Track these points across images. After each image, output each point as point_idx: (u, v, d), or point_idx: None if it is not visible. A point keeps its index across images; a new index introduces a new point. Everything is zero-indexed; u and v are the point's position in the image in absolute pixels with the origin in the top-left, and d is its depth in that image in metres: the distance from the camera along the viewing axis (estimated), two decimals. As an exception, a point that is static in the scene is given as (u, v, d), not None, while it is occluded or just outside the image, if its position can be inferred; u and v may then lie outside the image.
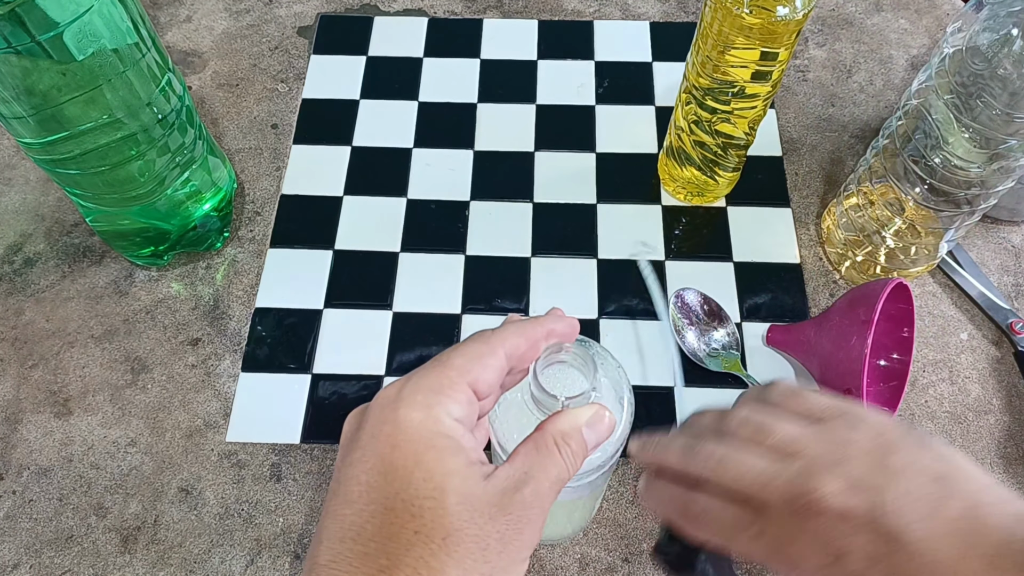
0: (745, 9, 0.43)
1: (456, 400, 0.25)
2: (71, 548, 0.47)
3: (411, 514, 0.23)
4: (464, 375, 0.26)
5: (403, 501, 0.23)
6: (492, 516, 0.24)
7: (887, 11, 0.71)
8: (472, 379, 0.26)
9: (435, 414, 0.25)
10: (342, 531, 0.24)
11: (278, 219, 0.59)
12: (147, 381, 0.53)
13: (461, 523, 0.23)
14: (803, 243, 0.58)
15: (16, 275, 0.57)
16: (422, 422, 0.25)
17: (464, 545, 0.23)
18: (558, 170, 0.61)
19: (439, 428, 0.25)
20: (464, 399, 0.26)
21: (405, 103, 0.65)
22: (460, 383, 0.26)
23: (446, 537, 0.23)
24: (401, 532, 0.23)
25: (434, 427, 0.25)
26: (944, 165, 0.45)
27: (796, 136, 0.63)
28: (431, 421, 0.25)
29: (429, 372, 0.26)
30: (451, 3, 0.71)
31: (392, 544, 0.23)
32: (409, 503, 0.23)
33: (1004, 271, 0.57)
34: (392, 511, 0.23)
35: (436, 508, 0.23)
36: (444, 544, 0.23)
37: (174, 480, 0.49)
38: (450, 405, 0.25)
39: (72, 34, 0.40)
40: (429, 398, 0.25)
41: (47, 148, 0.45)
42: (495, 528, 0.24)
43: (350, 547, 0.23)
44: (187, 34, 0.69)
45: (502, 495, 0.24)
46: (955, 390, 0.53)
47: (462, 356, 0.26)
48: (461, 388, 0.26)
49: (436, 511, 0.23)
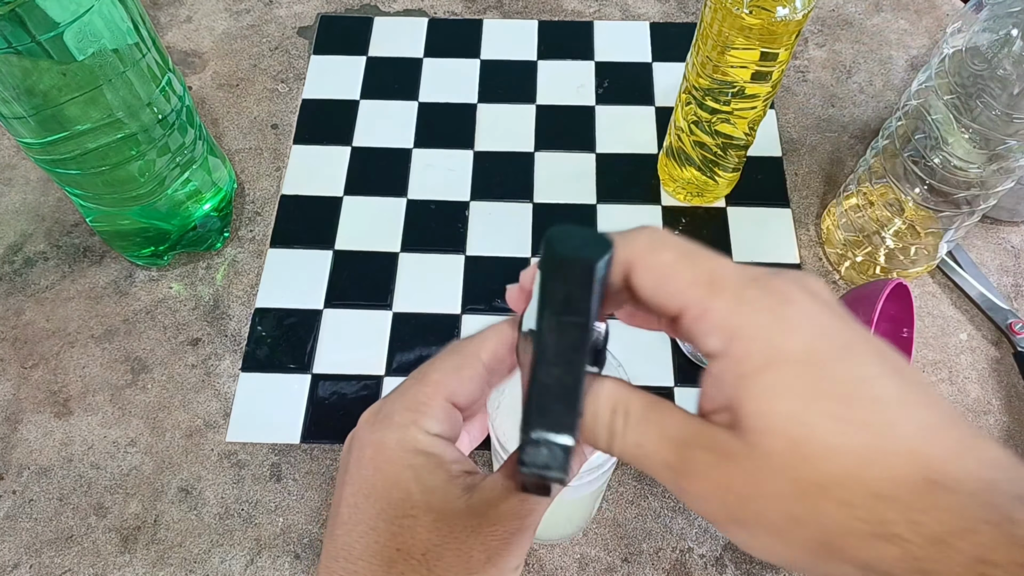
0: (745, 9, 0.43)
1: (433, 416, 0.25)
2: (71, 548, 0.47)
3: (392, 533, 0.24)
4: (440, 389, 0.25)
5: (384, 521, 0.24)
6: (474, 529, 0.23)
7: (887, 12, 0.71)
8: (449, 392, 0.26)
9: (411, 434, 0.25)
10: (335, 551, 0.25)
11: (278, 219, 0.59)
12: (147, 381, 0.53)
13: (440, 539, 0.23)
14: (803, 243, 0.58)
15: (16, 275, 0.57)
16: (399, 442, 0.25)
17: (444, 560, 0.23)
18: (558, 170, 0.62)
19: (416, 446, 0.25)
20: (442, 414, 0.25)
21: (405, 103, 0.65)
22: (436, 398, 0.25)
23: (425, 553, 0.23)
24: (384, 550, 0.24)
25: (411, 446, 0.25)
26: (944, 166, 0.45)
27: (796, 136, 0.63)
28: (408, 440, 0.25)
29: (406, 391, 0.26)
30: (451, 3, 0.71)
31: (376, 561, 0.24)
32: (390, 523, 0.24)
33: (1004, 271, 0.57)
34: (375, 531, 0.24)
35: (414, 526, 0.24)
36: (424, 560, 0.23)
37: (174, 480, 0.49)
38: (427, 422, 0.25)
39: (72, 34, 0.40)
40: (405, 417, 0.25)
41: (47, 148, 0.45)
42: (479, 541, 0.23)
43: (343, 565, 0.24)
44: (187, 34, 0.69)
45: (487, 506, 0.24)
46: (955, 390, 0.53)
47: (438, 371, 0.26)
48: (438, 403, 0.25)
49: (414, 529, 0.24)
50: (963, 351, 0.54)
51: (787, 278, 0.20)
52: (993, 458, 0.18)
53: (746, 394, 0.19)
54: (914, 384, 0.19)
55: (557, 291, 0.21)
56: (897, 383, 0.19)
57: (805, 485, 0.18)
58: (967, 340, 0.54)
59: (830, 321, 0.19)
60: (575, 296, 0.21)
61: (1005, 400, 0.52)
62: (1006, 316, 0.54)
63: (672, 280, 0.21)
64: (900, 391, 0.18)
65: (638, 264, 0.21)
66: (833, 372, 0.19)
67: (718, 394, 0.20)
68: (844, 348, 0.19)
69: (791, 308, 0.20)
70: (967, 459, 0.17)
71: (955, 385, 0.53)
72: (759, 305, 0.20)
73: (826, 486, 0.18)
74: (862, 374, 0.19)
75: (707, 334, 0.20)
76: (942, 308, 0.56)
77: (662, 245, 0.21)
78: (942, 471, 0.17)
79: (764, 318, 0.19)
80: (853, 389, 0.18)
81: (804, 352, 0.19)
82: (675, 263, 0.21)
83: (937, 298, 0.56)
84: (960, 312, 0.55)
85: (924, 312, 0.55)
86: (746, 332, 0.19)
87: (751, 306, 0.20)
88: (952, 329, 0.55)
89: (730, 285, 0.20)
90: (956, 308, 0.56)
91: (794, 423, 0.18)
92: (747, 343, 0.19)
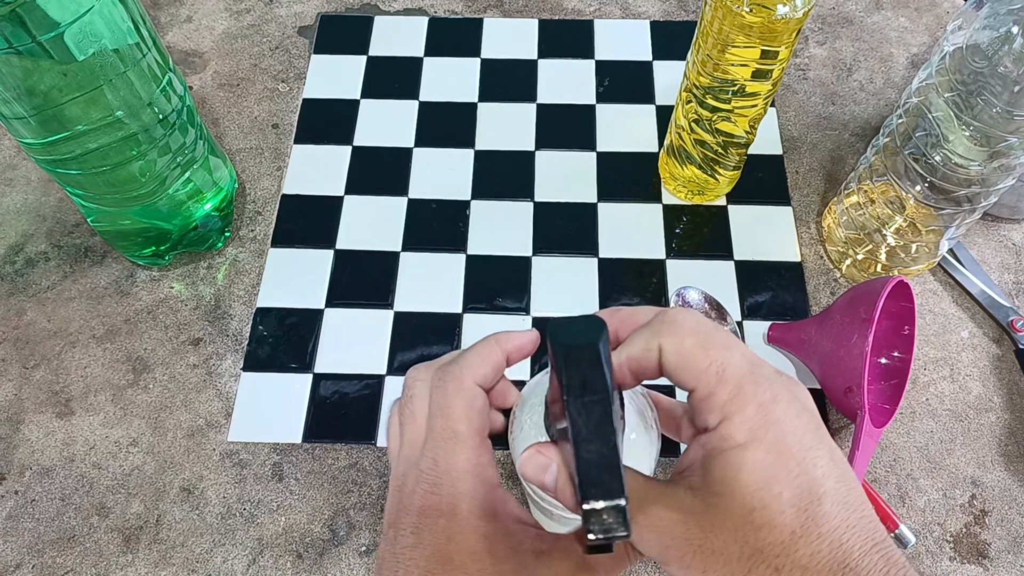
0: (745, 7, 0.43)
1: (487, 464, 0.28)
2: (73, 548, 0.47)
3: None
4: (474, 436, 0.28)
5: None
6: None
7: (887, 9, 0.71)
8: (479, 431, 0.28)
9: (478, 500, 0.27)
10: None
11: (279, 219, 0.59)
12: (149, 381, 0.53)
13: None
14: (804, 241, 0.58)
15: (18, 275, 0.57)
16: (470, 511, 0.27)
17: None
18: (559, 169, 0.62)
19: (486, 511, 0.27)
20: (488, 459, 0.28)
21: (405, 103, 0.65)
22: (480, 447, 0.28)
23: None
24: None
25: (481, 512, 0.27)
26: (944, 163, 0.45)
27: (797, 134, 0.63)
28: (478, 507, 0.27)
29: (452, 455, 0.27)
30: (451, 2, 0.71)
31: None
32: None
33: (1005, 269, 0.57)
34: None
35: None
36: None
37: (176, 480, 0.49)
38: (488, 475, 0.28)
39: (73, 34, 0.40)
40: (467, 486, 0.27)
41: (48, 148, 0.45)
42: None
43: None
44: (188, 34, 0.69)
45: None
46: (956, 388, 0.53)
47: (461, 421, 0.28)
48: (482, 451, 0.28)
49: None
50: (964, 349, 0.54)
51: (779, 382, 0.25)
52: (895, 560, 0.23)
53: (722, 464, 0.24)
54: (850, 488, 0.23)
55: (574, 377, 0.23)
56: (836, 484, 0.23)
57: (748, 548, 0.23)
58: (968, 338, 0.54)
59: (803, 425, 0.24)
60: (590, 376, 0.23)
61: (1007, 398, 0.52)
62: (1007, 313, 0.54)
63: (691, 365, 0.25)
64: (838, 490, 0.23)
65: (665, 347, 0.25)
66: (792, 466, 0.23)
67: (697, 458, 0.25)
68: (807, 449, 0.23)
69: (775, 407, 0.24)
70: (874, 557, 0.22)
71: (956, 383, 0.53)
72: (751, 399, 0.24)
73: (764, 552, 0.22)
74: (814, 473, 0.23)
75: (708, 412, 0.25)
76: (943, 306, 0.56)
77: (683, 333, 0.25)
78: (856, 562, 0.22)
79: (752, 411, 0.24)
80: (804, 482, 0.23)
81: (775, 444, 0.23)
82: (694, 350, 0.25)
83: (938, 296, 0.56)
84: (961, 310, 0.55)
85: (925, 310, 0.55)
86: (736, 418, 0.24)
87: (745, 398, 0.24)
88: (953, 327, 0.55)
89: (732, 378, 0.24)
90: (957, 306, 0.56)
91: (752, 497, 0.23)
92: (734, 426, 0.24)
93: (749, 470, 0.23)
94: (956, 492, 0.49)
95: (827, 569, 0.22)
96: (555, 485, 0.26)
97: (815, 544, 0.22)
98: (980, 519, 0.48)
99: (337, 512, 0.48)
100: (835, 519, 0.23)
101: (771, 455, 0.23)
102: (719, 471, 0.24)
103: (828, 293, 0.56)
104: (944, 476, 0.50)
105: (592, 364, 0.24)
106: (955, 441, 0.51)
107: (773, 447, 0.23)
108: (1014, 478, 0.50)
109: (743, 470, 0.23)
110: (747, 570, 0.23)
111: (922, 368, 0.53)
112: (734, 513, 0.23)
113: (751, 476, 0.23)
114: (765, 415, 0.24)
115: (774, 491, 0.23)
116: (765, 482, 0.23)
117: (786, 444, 0.23)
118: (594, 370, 0.24)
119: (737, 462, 0.23)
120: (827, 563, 0.22)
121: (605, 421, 0.23)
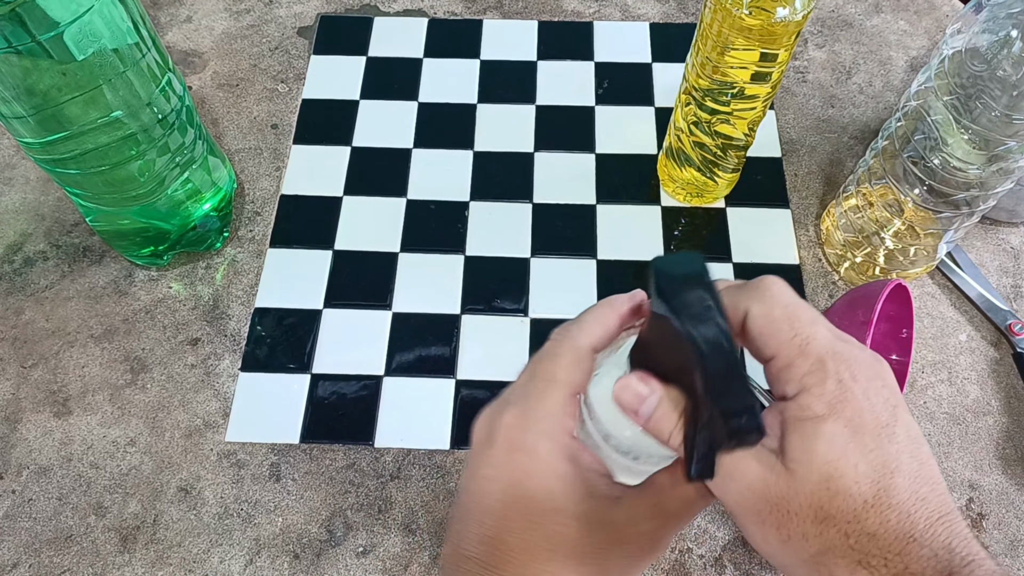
0: (744, 10, 0.43)
1: (572, 416, 0.29)
2: (70, 548, 0.47)
3: (545, 536, 0.27)
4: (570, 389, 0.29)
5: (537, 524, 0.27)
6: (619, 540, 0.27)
7: (886, 12, 0.71)
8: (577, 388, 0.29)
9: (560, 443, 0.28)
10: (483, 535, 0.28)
11: (278, 219, 0.59)
12: (146, 381, 0.53)
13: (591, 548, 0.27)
14: (802, 244, 0.58)
15: (16, 275, 0.57)
16: (550, 452, 0.28)
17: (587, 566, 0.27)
18: (558, 171, 0.62)
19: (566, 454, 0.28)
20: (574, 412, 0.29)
21: (405, 103, 0.65)
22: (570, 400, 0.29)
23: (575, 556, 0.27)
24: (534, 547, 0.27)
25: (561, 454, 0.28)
26: (943, 166, 0.45)
27: (795, 137, 0.64)
28: (558, 449, 0.28)
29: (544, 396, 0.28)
30: (451, 4, 0.71)
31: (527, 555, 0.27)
32: (542, 526, 0.27)
33: (1003, 272, 0.57)
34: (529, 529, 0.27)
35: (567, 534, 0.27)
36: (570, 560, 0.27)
37: (173, 480, 0.49)
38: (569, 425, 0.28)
39: (72, 34, 0.40)
40: (552, 426, 0.28)
41: (47, 148, 0.45)
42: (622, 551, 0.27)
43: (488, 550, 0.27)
44: (187, 34, 0.69)
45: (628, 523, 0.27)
46: (954, 391, 0.53)
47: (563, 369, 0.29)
48: (572, 404, 0.29)
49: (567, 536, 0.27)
50: (962, 352, 0.54)
51: (861, 359, 0.25)
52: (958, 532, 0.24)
53: (799, 434, 0.25)
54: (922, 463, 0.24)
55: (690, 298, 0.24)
56: (909, 459, 0.24)
57: (822, 512, 0.24)
58: (966, 341, 0.54)
59: (881, 402, 0.25)
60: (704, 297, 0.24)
61: (1004, 401, 0.52)
62: (1005, 317, 0.54)
63: (776, 334, 0.26)
64: (910, 465, 0.24)
65: (753, 312, 0.26)
66: (868, 440, 0.24)
67: (775, 423, 0.26)
68: (883, 426, 0.24)
69: (855, 384, 0.25)
70: (939, 528, 0.23)
71: (954, 386, 0.53)
72: (832, 374, 0.25)
73: (836, 518, 0.24)
74: (889, 448, 0.24)
75: (787, 382, 0.26)
76: (941, 309, 0.56)
77: (773, 302, 0.26)
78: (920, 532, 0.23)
79: (832, 385, 0.25)
80: (879, 456, 0.24)
81: (852, 419, 0.24)
82: (781, 321, 0.26)
83: (936, 299, 0.56)
84: (959, 313, 0.56)
85: (923, 313, 0.55)
86: (815, 390, 0.25)
87: (826, 373, 0.25)
88: (951, 330, 0.55)
89: (815, 352, 0.25)
90: (955, 309, 0.56)
91: (829, 466, 0.24)
92: (813, 398, 0.25)
93: (827, 441, 0.24)
94: (953, 495, 0.49)
95: (893, 537, 0.23)
96: (650, 415, 0.27)
97: (885, 514, 0.23)
98: (977, 522, 0.48)
99: (334, 513, 0.48)
100: (905, 491, 0.24)
101: (848, 429, 0.24)
102: (797, 439, 0.24)
103: (826, 296, 0.56)
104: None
105: (707, 288, 0.25)
106: (952, 444, 0.51)
107: (851, 422, 0.24)
108: (1011, 482, 0.50)
109: (820, 440, 0.24)
110: (819, 532, 0.24)
111: (920, 371, 0.53)
112: (811, 479, 0.24)
113: (828, 447, 0.24)
114: (844, 391, 0.24)
115: (851, 462, 0.24)
116: (842, 453, 0.24)
117: (863, 420, 0.24)
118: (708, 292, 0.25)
119: (815, 432, 0.24)
120: (894, 532, 0.23)
121: (724, 337, 0.24)
